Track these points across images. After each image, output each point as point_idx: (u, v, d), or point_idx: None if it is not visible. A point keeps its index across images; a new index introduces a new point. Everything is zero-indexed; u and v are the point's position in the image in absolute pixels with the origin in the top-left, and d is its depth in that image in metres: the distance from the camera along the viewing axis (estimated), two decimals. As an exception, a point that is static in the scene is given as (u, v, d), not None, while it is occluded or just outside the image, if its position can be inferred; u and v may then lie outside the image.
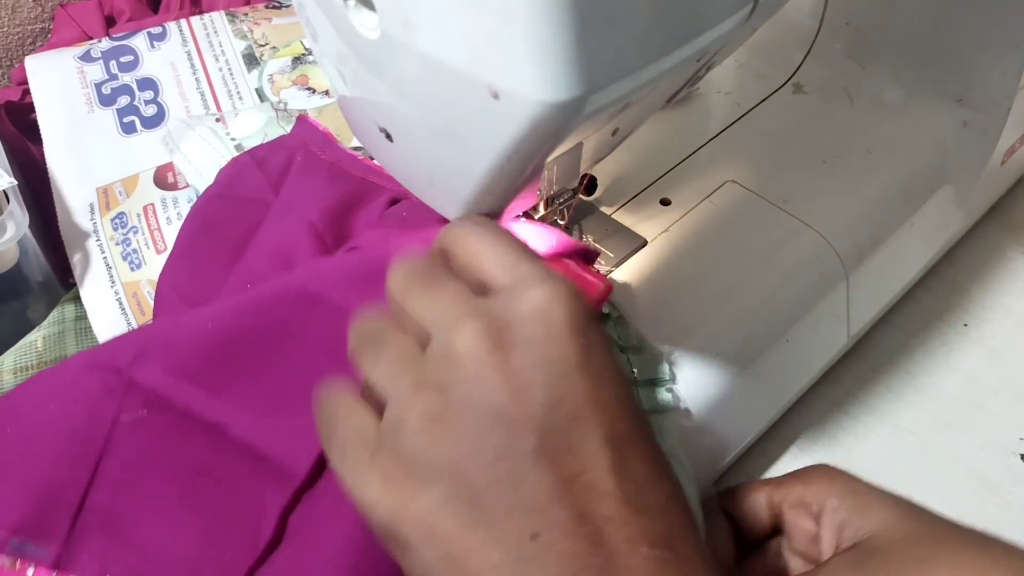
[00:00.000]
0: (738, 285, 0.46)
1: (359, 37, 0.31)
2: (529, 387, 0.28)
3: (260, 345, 0.40)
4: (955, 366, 0.55)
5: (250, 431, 0.39)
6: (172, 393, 0.39)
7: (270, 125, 0.56)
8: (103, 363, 0.40)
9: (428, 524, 0.27)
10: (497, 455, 0.27)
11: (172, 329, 0.41)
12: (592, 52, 0.26)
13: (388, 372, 0.30)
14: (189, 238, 0.50)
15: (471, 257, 0.32)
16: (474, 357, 0.28)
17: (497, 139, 0.29)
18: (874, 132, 0.55)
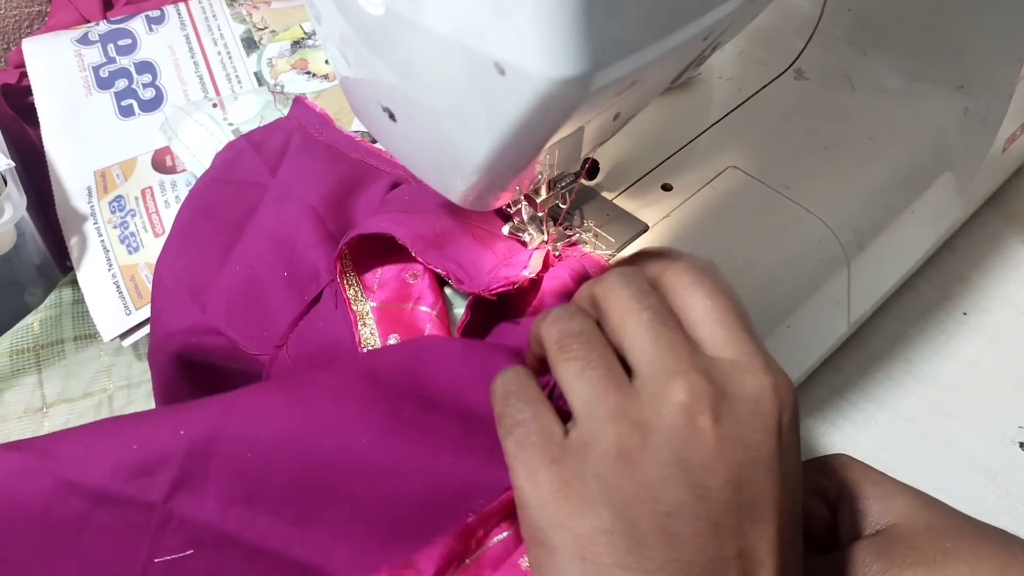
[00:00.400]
0: (739, 271, 0.46)
1: (363, 13, 0.30)
2: (722, 461, 0.29)
3: (362, 469, 0.35)
4: (954, 354, 0.55)
5: (359, 570, 0.34)
6: (238, 529, 0.33)
7: (267, 109, 0.55)
8: (119, 497, 0.33)
9: (584, 546, 0.28)
10: (670, 509, 0.28)
11: (223, 446, 0.34)
12: (599, 28, 0.26)
13: (592, 391, 0.30)
14: (186, 223, 0.49)
15: (696, 306, 0.32)
16: (685, 413, 0.29)
17: (502, 117, 0.29)
18: (875, 119, 0.55)
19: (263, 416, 0.34)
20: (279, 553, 0.34)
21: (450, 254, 0.41)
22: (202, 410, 0.35)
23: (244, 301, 0.44)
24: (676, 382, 0.29)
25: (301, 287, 0.44)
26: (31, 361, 0.53)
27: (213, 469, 0.33)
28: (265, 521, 0.34)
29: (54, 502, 0.33)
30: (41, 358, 0.54)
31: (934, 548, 0.34)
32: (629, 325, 0.31)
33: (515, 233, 0.45)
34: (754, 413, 0.29)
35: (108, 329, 0.51)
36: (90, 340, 0.54)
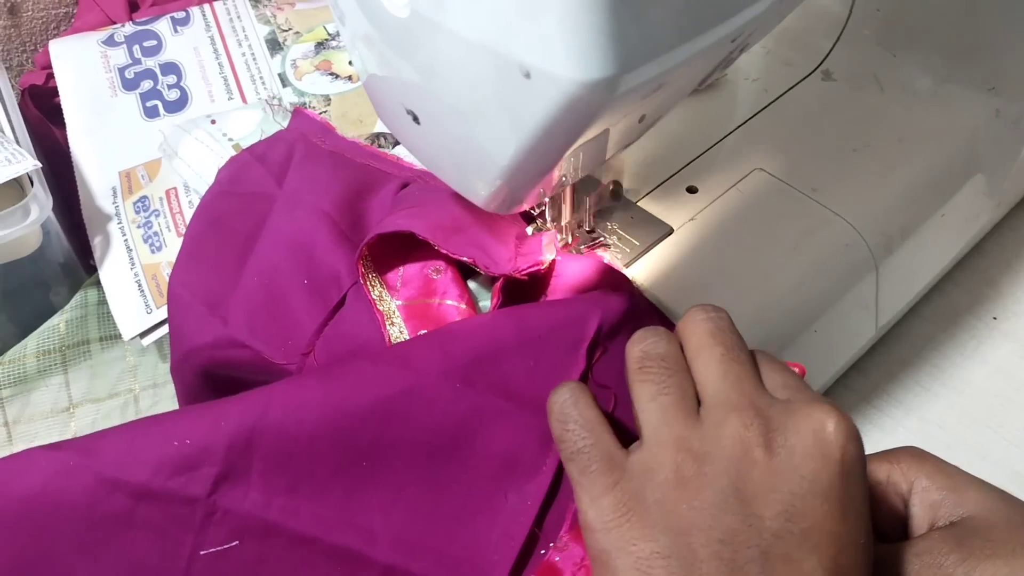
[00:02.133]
0: (765, 274, 0.46)
1: (388, 15, 0.30)
2: (775, 492, 0.30)
3: (403, 453, 0.36)
4: (984, 359, 0.54)
5: (400, 552, 0.35)
6: (281, 517, 0.34)
7: (266, 122, 0.55)
8: (163, 492, 0.34)
9: (643, 568, 0.30)
10: (724, 537, 0.29)
11: (264, 438, 0.35)
12: (626, 31, 0.25)
13: (661, 416, 0.32)
14: (196, 236, 0.48)
15: (762, 357, 0.34)
16: (741, 444, 0.30)
17: (528, 120, 0.29)
18: (905, 120, 0.54)
19: (302, 407, 0.35)
20: (321, 539, 0.34)
21: (472, 241, 0.42)
22: (241, 404, 0.36)
23: (265, 311, 0.44)
24: (735, 416, 0.31)
25: (323, 293, 0.44)
26: (57, 361, 0.54)
27: (256, 461, 0.34)
28: (308, 509, 0.34)
29: (97, 499, 0.33)
30: (67, 358, 0.54)
31: (1012, 540, 0.34)
32: (702, 357, 0.33)
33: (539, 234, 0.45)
34: (812, 445, 0.30)
35: (129, 328, 0.51)
36: (115, 340, 0.54)
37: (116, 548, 0.34)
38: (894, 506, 0.37)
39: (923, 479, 0.36)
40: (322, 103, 0.58)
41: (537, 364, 0.38)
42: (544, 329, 0.39)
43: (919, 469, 0.37)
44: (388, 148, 0.55)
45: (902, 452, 0.38)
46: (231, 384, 0.45)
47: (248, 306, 0.44)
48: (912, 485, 0.37)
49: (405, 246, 0.43)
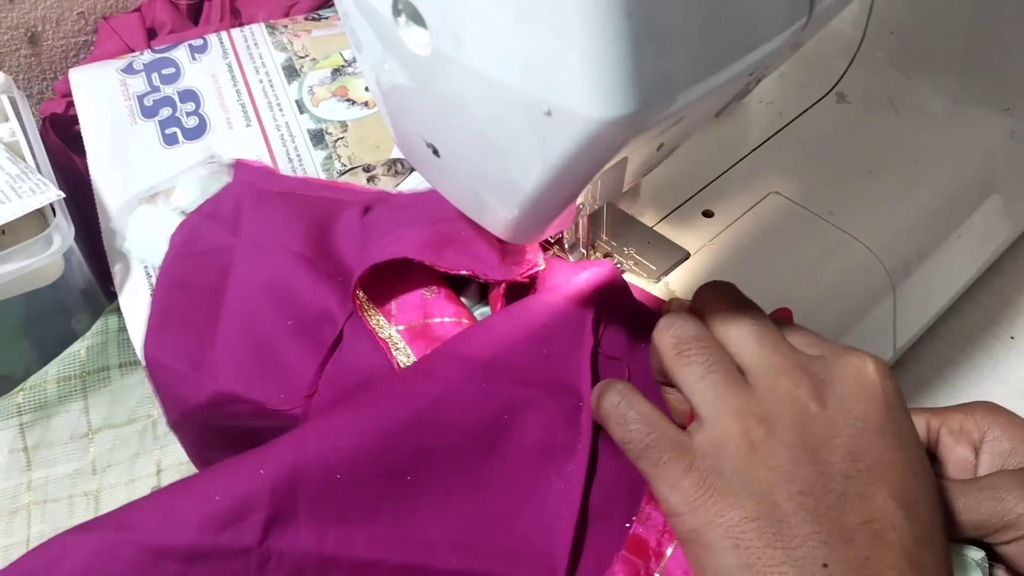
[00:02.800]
0: (783, 298, 0.46)
1: (409, 53, 0.31)
2: (837, 437, 0.32)
3: (444, 460, 0.36)
4: (1002, 379, 0.54)
5: (461, 556, 0.35)
6: (338, 549, 0.34)
7: (208, 184, 0.54)
8: (212, 550, 0.33)
9: (736, 535, 0.31)
10: (804, 488, 0.32)
11: (306, 474, 0.34)
12: (646, 68, 0.26)
13: (715, 393, 0.34)
14: (163, 302, 0.48)
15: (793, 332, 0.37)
16: (798, 401, 0.33)
17: (548, 156, 0.29)
18: (920, 142, 0.54)
19: (337, 435, 0.35)
20: (382, 561, 0.34)
21: (463, 252, 0.43)
22: (276, 448, 0.35)
23: (255, 362, 0.43)
24: (784, 377, 0.33)
25: (314, 333, 0.43)
26: (77, 388, 0.54)
27: (301, 499, 0.34)
28: (362, 535, 0.34)
29: (145, 570, 0.32)
30: (87, 384, 0.54)
31: None
32: (733, 331, 0.35)
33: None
34: (855, 387, 0.33)
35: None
36: (135, 366, 0.55)
37: None
38: (964, 454, 0.39)
39: (996, 429, 0.39)
40: (339, 129, 0.59)
41: (549, 351, 0.40)
42: (546, 316, 0.41)
43: (993, 420, 0.39)
44: (405, 174, 0.55)
45: (977, 405, 0.40)
46: (237, 432, 0.45)
47: (234, 359, 0.44)
48: (984, 434, 0.39)
49: (391, 272, 0.44)
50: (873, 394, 0.33)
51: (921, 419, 0.40)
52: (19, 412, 0.52)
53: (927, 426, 0.40)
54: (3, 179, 0.48)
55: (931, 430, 0.40)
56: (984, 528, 0.36)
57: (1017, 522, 0.35)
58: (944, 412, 0.40)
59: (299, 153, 0.58)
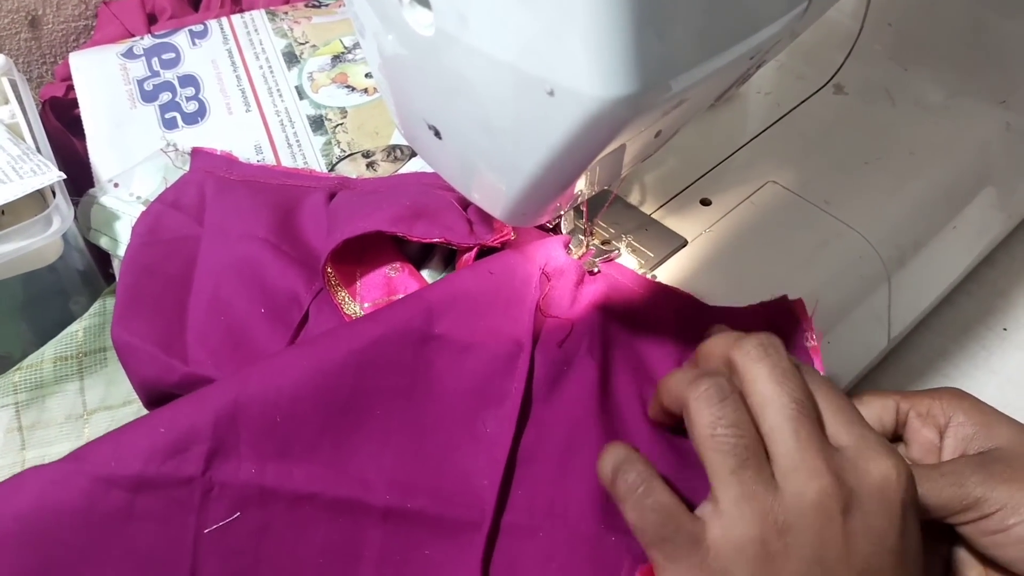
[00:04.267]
0: (779, 286, 0.46)
1: (413, 34, 0.31)
2: (855, 555, 0.32)
3: (383, 400, 0.38)
4: (995, 370, 0.55)
5: (395, 493, 0.36)
6: (277, 481, 0.36)
7: (169, 171, 0.55)
8: (158, 479, 0.34)
9: None
10: None
11: (248, 410, 0.36)
12: (649, 49, 0.26)
13: (740, 490, 0.32)
14: (129, 288, 0.48)
15: (818, 394, 0.35)
16: (823, 512, 0.32)
17: (551, 136, 0.29)
18: (916, 134, 0.54)
19: (280, 373, 0.37)
20: (319, 495, 0.36)
21: (434, 222, 0.44)
22: (220, 385, 0.37)
23: (228, 346, 0.44)
24: (814, 483, 0.32)
25: (283, 317, 0.44)
26: (74, 368, 0.54)
27: (243, 432, 0.35)
28: (301, 469, 0.36)
29: (93, 500, 0.34)
30: (83, 365, 0.54)
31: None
32: (771, 413, 0.33)
33: (554, 247, 0.45)
34: (880, 501, 0.32)
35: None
36: (133, 349, 0.55)
37: (120, 544, 0.34)
38: (930, 436, 0.40)
39: (960, 415, 0.39)
40: (338, 115, 0.59)
41: (493, 301, 0.41)
42: (496, 267, 0.42)
43: (958, 406, 0.40)
44: (404, 160, 0.55)
45: (944, 390, 0.41)
46: None
47: (206, 343, 0.44)
48: (950, 419, 0.40)
49: (356, 252, 0.45)
50: (894, 509, 0.32)
51: (891, 401, 0.41)
52: (15, 392, 0.52)
53: (896, 408, 0.41)
54: (4, 159, 0.48)
55: (900, 412, 0.41)
56: (946, 510, 0.37)
57: (975, 504, 0.37)
58: (913, 396, 0.41)
59: (298, 139, 0.58)
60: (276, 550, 0.35)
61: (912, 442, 0.41)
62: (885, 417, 0.41)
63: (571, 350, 0.40)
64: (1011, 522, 0.36)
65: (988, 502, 0.36)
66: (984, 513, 0.36)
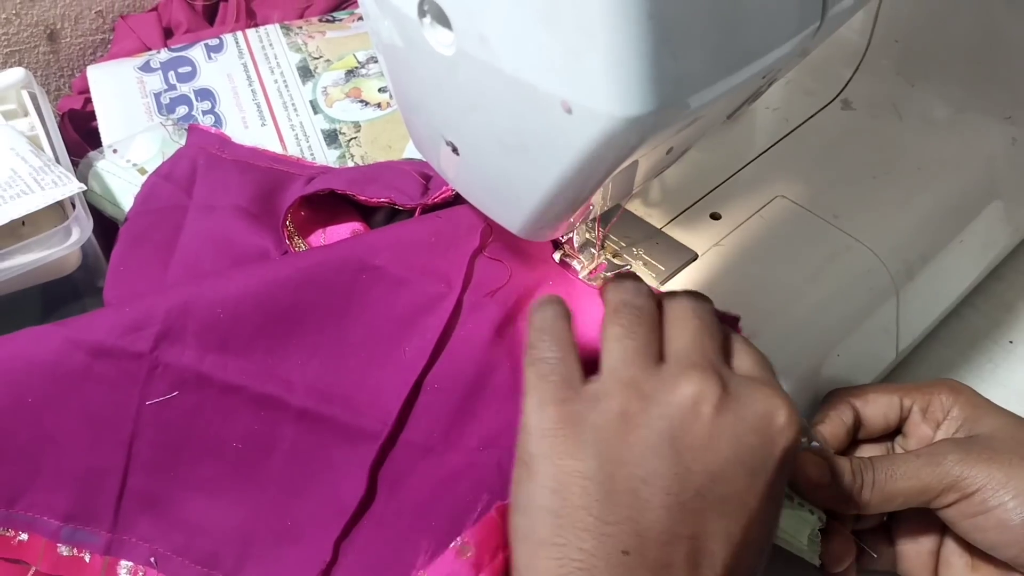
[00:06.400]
0: (788, 300, 0.47)
1: (432, 53, 0.32)
2: (711, 451, 0.31)
3: (316, 315, 0.42)
4: (1002, 383, 0.55)
5: (313, 398, 0.41)
6: (213, 370, 0.40)
7: (166, 144, 0.57)
8: (114, 349, 0.40)
9: (560, 483, 0.31)
10: (647, 477, 0.31)
11: (197, 306, 0.41)
12: (665, 68, 0.27)
13: (622, 356, 0.33)
14: (121, 256, 0.51)
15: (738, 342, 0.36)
16: (692, 398, 0.32)
17: (567, 153, 0.30)
18: (923, 149, 0.55)
19: (228, 282, 0.42)
20: (247, 387, 0.41)
21: (386, 185, 0.48)
22: (179, 286, 0.44)
23: None
24: (694, 372, 0.32)
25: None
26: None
27: (190, 324, 0.41)
28: (235, 363, 0.41)
29: (61, 357, 0.40)
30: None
31: (1012, 453, 0.37)
32: (678, 323, 0.35)
33: (566, 260, 0.46)
34: (760, 420, 0.32)
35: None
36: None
37: (77, 400, 0.40)
38: (927, 431, 0.41)
39: (956, 408, 0.41)
40: (352, 129, 0.60)
41: (435, 243, 0.44)
42: (445, 213, 0.45)
43: (955, 400, 0.41)
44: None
45: (942, 383, 0.42)
46: None
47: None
48: (947, 413, 0.41)
49: (322, 219, 0.49)
50: (771, 438, 0.32)
51: (895, 397, 0.42)
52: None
53: (900, 404, 0.42)
54: (26, 171, 0.49)
55: (903, 408, 0.42)
56: (926, 493, 0.38)
57: (955, 484, 0.37)
58: (914, 391, 0.42)
59: (313, 153, 0.59)
60: (203, 431, 0.41)
61: (910, 436, 0.42)
62: (890, 414, 0.43)
63: (500, 299, 0.43)
64: (992, 504, 0.36)
65: (967, 481, 0.37)
66: (964, 493, 0.37)
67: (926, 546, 0.42)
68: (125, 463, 0.41)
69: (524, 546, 0.32)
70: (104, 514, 0.41)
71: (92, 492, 0.41)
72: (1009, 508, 0.36)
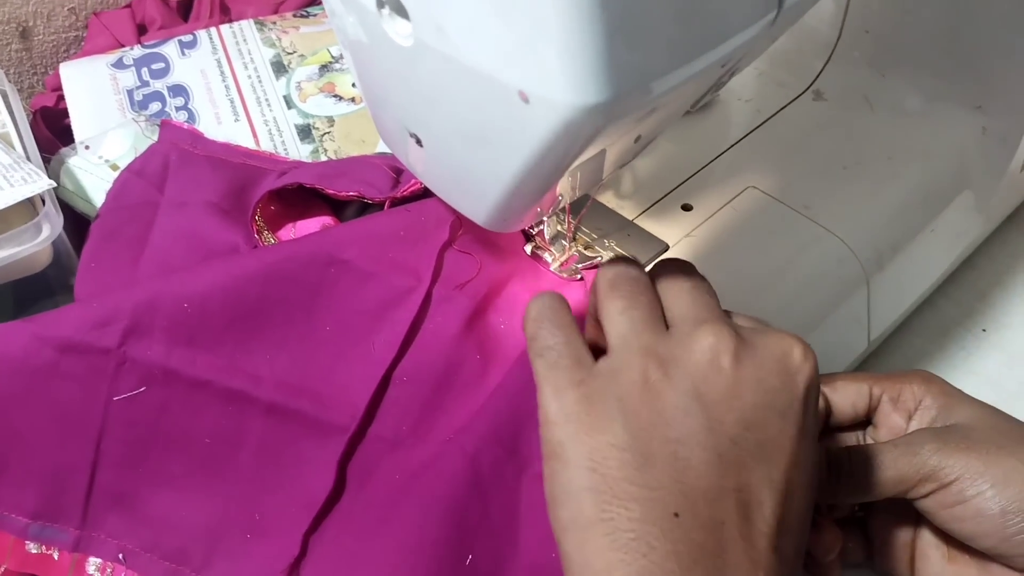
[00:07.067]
0: (759, 290, 0.47)
1: (392, 44, 0.32)
2: (738, 399, 0.31)
3: (284, 310, 0.42)
4: (974, 371, 0.55)
5: (281, 392, 0.41)
6: (180, 365, 0.41)
7: (139, 140, 0.57)
8: (82, 344, 0.40)
9: (596, 459, 0.30)
10: (681, 437, 0.30)
11: (164, 301, 0.41)
12: (620, 57, 0.27)
13: (630, 326, 0.33)
14: (92, 251, 0.51)
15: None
16: (710, 352, 0.31)
17: (527, 143, 0.30)
18: (894, 139, 0.55)
19: (196, 277, 0.42)
20: (214, 382, 0.41)
21: (355, 179, 0.48)
22: (147, 281, 0.45)
23: None
24: (705, 327, 0.32)
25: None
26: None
27: (158, 319, 0.41)
28: (203, 358, 0.41)
29: (29, 354, 0.40)
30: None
31: (990, 440, 0.37)
32: (673, 288, 0.35)
33: (537, 252, 0.46)
34: (778, 362, 0.32)
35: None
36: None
37: (45, 396, 0.40)
38: (899, 421, 0.41)
39: (928, 398, 0.40)
40: (326, 124, 0.60)
41: (404, 237, 0.44)
42: (415, 207, 0.45)
43: (927, 390, 0.40)
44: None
45: (915, 374, 0.42)
46: None
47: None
48: (919, 404, 0.40)
49: (293, 214, 0.50)
50: (792, 377, 0.32)
51: (864, 386, 0.42)
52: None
53: (869, 392, 0.42)
54: (-5, 168, 0.49)
55: (873, 397, 0.42)
56: (904, 483, 0.37)
57: (933, 474, 0.37)
58: (885, 379, 0.42)
59: (286, 148, 0.59)
60: (171, 426, 0.41)
61: (881, 426, 0.41)
62: (859, 403, 0.42)
63: (470, 293, 0.43)
64: (970, 493, 0.36)
65: (944, 471, 0.37)
66: (941, 483, 0.37)
67: (901, 538, 0.41)
68: (93, 459, 0.41)
69: (571, 535, 0.31)
70: (72, 511, 0.41)
71: (60, 489, 0.41)
72: (987, 497, 0.36)
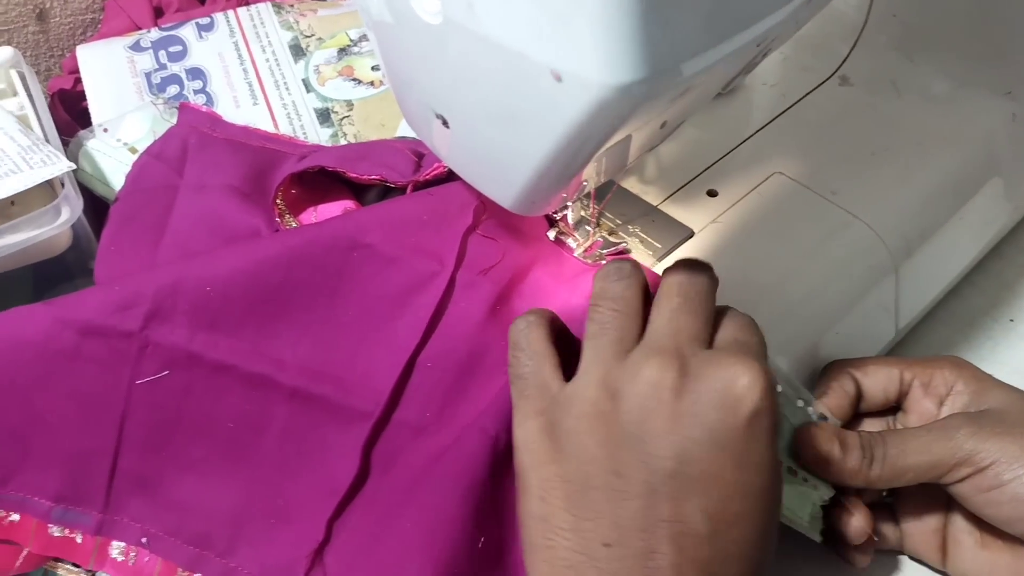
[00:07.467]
0: (786, 277, 0.46)
1: (420, 22, 0.31)
2: (674, 434, 0.32)
3: (306, 294, 0.41)
4: (1002, 361, 0.54)
5: (304, 377, 0.41)
6: (203, 349, 0.40)
7: (157, 123, 0.57)
8: (104, 328, 0.40)
9: (545, 489, 0.33)
10: (618, 469, 0.32)
11: (187, 284, 0.41)
12: (656, 35, 0.26)
13: (595, 354, 0.34)
14: (111, 234, 0.51)
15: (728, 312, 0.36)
16: (654, 386, 0.32)
17: (558, 123, 0.29)
18: (922, 124, 0.54)
19: (218, 261, 0.42)
20: (237, 367, 0.40)
21: (377, 163, 0.48)
22: (168, 265, 0.44)
23: None
24: (655, 358, 0.32)
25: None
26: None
27: (180, 302, 0.40)
28: (225, 342, 0.41)
29: (50, 337, 0.40)
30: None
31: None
32: (660, 305, 0.35)
33: (561, 238, 0.46)
34: (718, 395, 0.32)
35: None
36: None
37: (67, 379, 0.40)
38: (929, 407, 0.41)
39: (960, 384, 0.40)
40: (345, 108, 0.59)
41: (429, 218, 0.43)
42: (438, 191, 0.45)
43: (958, 376, 0.41)
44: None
45: (945, 360, 0.42)
46: None
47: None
48: (950, 390, 0.40)
49: (314, 198, 0.49)
50: (733, 409, 0.31)
51: (895, 370, 0.42)
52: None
53: (900, 377, 0.42)
54: (15, 150, 0.49)
55: (904, 382, 0.42)
56: (939, 468, 0.37)
57: (968, 459, 0.37)
58: (916, 365, 0.42)
59: (305, 131, 0.58)
60: (195, 410, 0.40)
61: (911, 411, 0.41)
62: (890, 388, 0.42)
63: (494, 278, 0.42)
64: (1007, 477, 0.36)
65: (980, 455, 0.36)
66: (977, 467, 0.36)
67: (932, 523, 0.41)
68: (116, 443, 0.40)
69: (527, 557, 0.34)
70: (95, 494, 0.41)
71: (83, 472, 0.40)
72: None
